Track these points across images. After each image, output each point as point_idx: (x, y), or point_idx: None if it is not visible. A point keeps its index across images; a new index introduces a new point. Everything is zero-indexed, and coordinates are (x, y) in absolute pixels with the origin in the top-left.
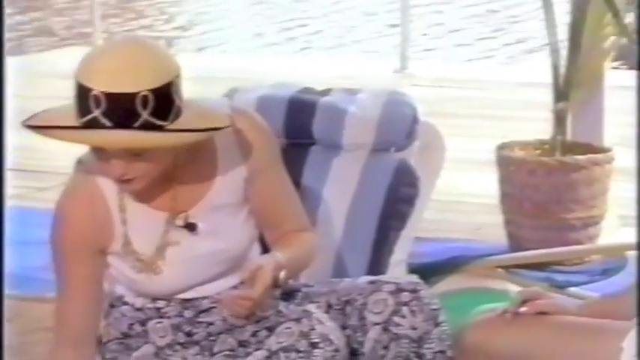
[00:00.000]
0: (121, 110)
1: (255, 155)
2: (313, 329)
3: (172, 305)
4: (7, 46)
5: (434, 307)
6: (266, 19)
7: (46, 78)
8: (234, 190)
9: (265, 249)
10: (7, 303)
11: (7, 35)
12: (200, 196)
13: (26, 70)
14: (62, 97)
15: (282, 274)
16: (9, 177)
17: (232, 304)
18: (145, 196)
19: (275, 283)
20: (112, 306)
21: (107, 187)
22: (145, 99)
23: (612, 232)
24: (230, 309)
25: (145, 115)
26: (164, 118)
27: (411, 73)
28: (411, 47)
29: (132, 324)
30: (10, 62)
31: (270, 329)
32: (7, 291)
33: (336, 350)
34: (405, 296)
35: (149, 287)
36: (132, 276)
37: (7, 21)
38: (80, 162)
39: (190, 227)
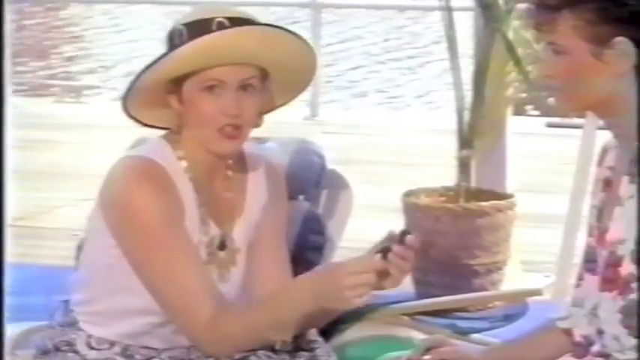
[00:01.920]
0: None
1: (274, 193)
2: None
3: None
4: None
5: None
6: None
7: None
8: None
9: None
10: None
11: None
12: (240, 212)
13: None
14: None
15: None
16: None
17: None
18: (212, 192)
19: None
20: (57, 349)
21: (180, 180)
22: None
23: (515, 278)
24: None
25: None
26: None
27: (321, 120)
28: (321, 94)
29: None
30: None
31: None
32: None
33: None
34: (302, 355)
35: None
36: None
37: None
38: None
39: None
